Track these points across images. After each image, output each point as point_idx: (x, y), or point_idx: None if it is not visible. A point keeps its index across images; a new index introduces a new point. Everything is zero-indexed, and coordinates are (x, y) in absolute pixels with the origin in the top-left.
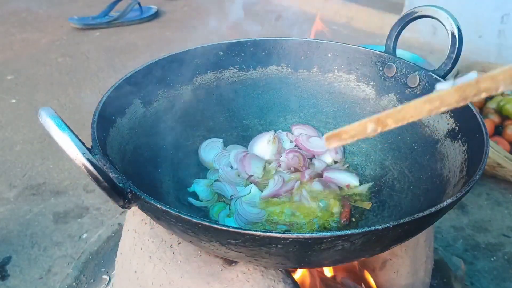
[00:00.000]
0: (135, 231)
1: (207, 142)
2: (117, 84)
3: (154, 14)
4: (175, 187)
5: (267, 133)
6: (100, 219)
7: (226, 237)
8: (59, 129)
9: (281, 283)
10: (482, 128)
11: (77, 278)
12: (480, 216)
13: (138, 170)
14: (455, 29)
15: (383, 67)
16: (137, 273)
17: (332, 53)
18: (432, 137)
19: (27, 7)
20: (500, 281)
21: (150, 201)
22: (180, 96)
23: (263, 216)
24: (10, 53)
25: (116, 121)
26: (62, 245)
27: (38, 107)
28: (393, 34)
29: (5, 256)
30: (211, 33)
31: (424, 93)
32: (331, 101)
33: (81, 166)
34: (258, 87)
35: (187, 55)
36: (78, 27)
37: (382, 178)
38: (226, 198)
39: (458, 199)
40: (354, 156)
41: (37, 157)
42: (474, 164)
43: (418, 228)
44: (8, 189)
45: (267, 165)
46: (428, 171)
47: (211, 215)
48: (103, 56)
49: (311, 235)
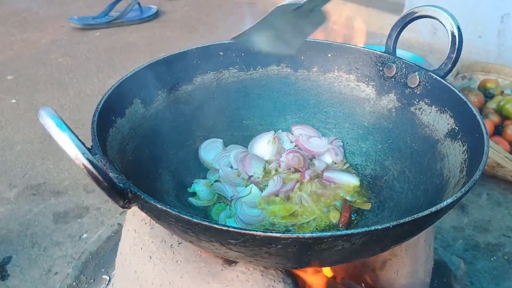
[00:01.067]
0: (135, 231)
1: (207, 142)
2: (117, 84)
3: (154, 14)
4: (175, 187)
5: (267, 133)
6: (100, 219)
7: (226, 237)
8: (59, 129)
9: (281, 283)
10: (482, 128)
11: (77, 278)
12: (480, 216)
13: (138, 170)
14: (455, 29)
15: (383, 67)
16: (137, 273)
17: (332, 53)
18: (432, 137)
19: (27, 7)
20: (500, 281)
21: (150, 201)
22: (180, 96)
23: (263, 217)
24: (10, 53)
25: (116, 121)
26: (62, 245)
27: (38, 107)
28: (393, 34)
29: (5, 256)
30: (212, 33)
31: (424, 93)
32: (331, 101)
33: (81, 166)
34: (258, 87)
35: (187, 55)
36: (78, 27)
37: (382, 178)
38: (226, 199)
39: (458, 199)
40: (354, 156)
41: (37, 157)
42: (474, 164)
43: (418, 228)
44: (8, 189)
45: (267, 165)
46: (428, 171)
47: (212, 215)
48: (103, 56)
49: (311, 235)
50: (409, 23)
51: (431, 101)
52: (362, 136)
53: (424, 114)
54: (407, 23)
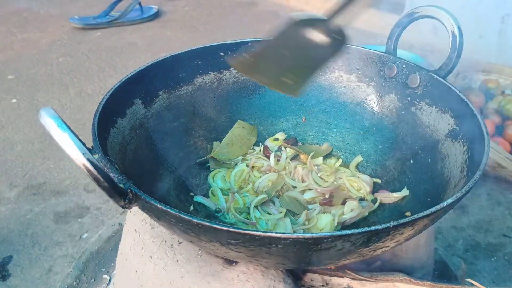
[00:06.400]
0: (136, 231)
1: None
2: (118, 84)
3: (155, 14)
4: (176, 187)
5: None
6: (100, 219)
7: (226, 237)
8: (60, 129)
9: (282, 283)
10: (483, 128)
11: (77, 277)
12: (481, 217)
13: (139, 171)
14: (456, 29)
15: (383, 67)
16: (138, 272)
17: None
18: (432, 137)
19: (28, 7)
20: (501, 281)
21: (150, 201)
22: (181, 97)
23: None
24: (11, 52)
25: (117, 121)
26: (63, 244)
27: (39, 107)
28: (393, 34)
29: (6, 256)
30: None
31: (424, 93)
32: (332, 101)
33: (82, 166)
34: (259, 87)
35: (188, 55)
36: (79, 27)
37: (382, 178)
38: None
39: (459, 199)
40: (355, 157)
41: (38, 157)
42: (475, 164)
43: (418, 228)
44: (9, 189)
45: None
46: (428, 171)
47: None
48: (104, 56)
49: (311, 235)
50: (409, 23)
51: (431, 101)
52: (363, 136)
53: (424, 114)
54: (408, 23)
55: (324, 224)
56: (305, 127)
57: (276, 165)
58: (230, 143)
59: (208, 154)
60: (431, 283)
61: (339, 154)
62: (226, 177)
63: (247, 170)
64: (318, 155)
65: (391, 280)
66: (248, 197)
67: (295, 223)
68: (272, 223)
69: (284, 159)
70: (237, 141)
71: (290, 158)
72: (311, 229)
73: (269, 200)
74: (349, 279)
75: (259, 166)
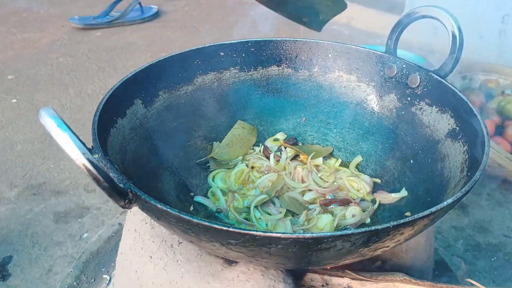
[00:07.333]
0: (136, 231)
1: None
2: (118, 85)
3: (155, 14)
4: (176, 188)
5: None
6: (100, 219)
7: (226, 237)
8: (60, 129)
9: (282, 283)
10: (483, 128)
11: (77, 277)
12: (481, 217)
13: (139, 171)
14: (456, 29)
15: (383, 67)
16: (138, 272)
17: (333, 54)
18: (432, 137)
19: (28, 7)
20: (501, 281)
21: (150, 201)
22: (181, 97)
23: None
24: (11, 52)
25: (117, 122)
26: (63, 244)
27: (39, 107)
28: (393, 34)
29: (6, 256)
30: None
31: (424, 93)
32: (332, 102)
33: (82, 166)
34: (259, 87)
35: (188, 55)
36: (79, 27)
37: (382, 178)
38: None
39: (459, 199)
40: (355, 157)
41: (38, 157)
42: (475, 164)
43: (418, 228)
44: (9, 189)
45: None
46: (428, 171)
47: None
48: (104, 56)
49: (311, 235)
50: (409, 23)
51: (431, 101)
52: (363, 136)
53: (424, 114)
54: (408, 23)
55: (324, 224)
56: (305, 127)
57: (276, 165)
58: (230, 143)
59: (208, 154)
60: (431, 283)
61: (339, 154)
62: (226, 177)
63: (247, 170)
64: (318, 155)
65: (391, 280)
66: (248, 197)
67: (295, 223)
68: (272, 223)
69: (284, 159)
70: (237, 141)
71: (290, 159)
72: (311, 229)
73: (269, 200)
74: (349, 279)
75: (259, 166)
